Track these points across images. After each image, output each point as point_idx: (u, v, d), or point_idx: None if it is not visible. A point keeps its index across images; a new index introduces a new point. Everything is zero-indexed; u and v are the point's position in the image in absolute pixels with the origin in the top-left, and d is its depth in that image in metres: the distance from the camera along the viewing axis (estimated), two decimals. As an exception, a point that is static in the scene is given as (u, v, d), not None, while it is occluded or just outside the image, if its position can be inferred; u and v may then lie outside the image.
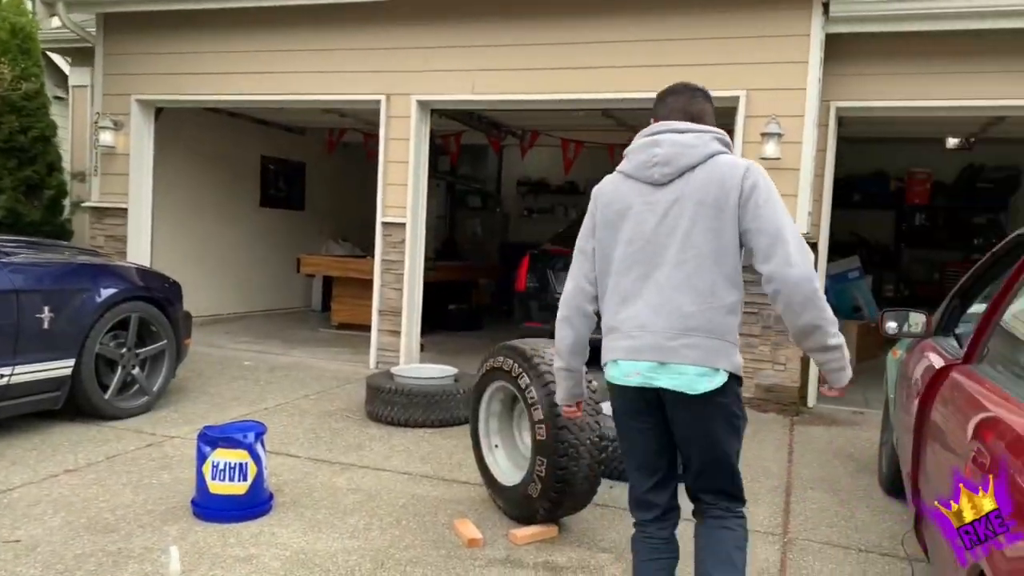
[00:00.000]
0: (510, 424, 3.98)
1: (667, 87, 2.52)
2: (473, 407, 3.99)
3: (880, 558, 3.46)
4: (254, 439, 3.62)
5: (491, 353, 3.82)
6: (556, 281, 7.70)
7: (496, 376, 3.75)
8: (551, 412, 3.38)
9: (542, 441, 3.40)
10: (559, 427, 3.36)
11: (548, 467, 3.38)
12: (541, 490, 3.43)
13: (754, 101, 6.20)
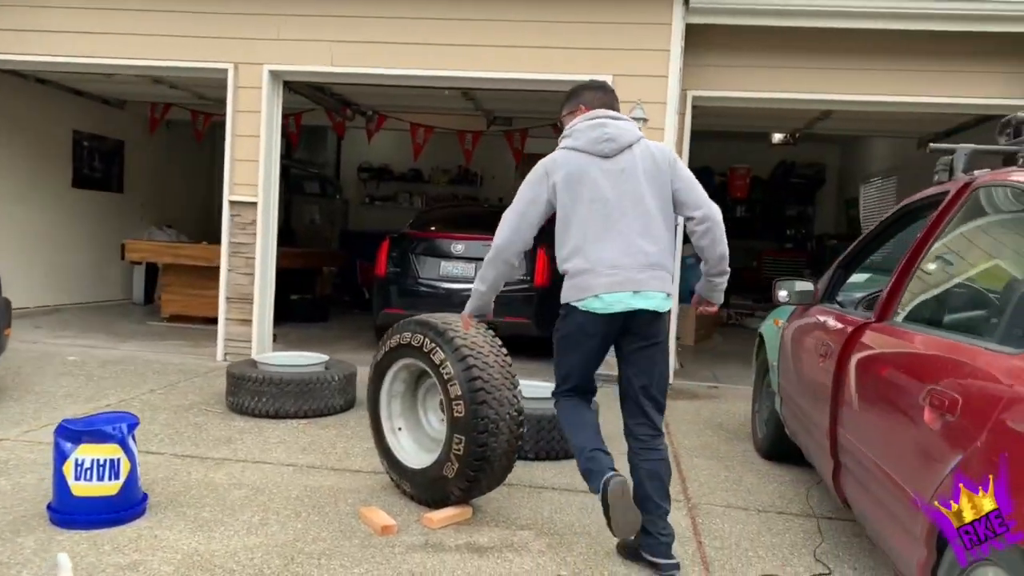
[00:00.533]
0: (414, 405, 3.77)
1: (586, 83, 3.27)
2: (373, 389, 3.74)
3: (778, 516, 3.61)
4: (126, 431, 3.17)
5: (395, 330, 3.59)
6: (419, 265, 7.49)
7: (403, 354, 3.54)
8: (469, 387, 3.22)
9: (460, 418, 3.23)
10: (478, 402, 3.21)
11: (466, 445, 3.22)
12: (458, 469, 3.26)
13: (619, 86, 6.31)
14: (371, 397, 3.74)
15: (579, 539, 3.22)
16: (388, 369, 3.66)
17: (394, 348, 3.59)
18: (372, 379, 3.73)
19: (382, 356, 3.66)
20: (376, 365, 3.71)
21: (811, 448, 3.33)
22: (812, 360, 3.27)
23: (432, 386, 3.66)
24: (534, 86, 6.64)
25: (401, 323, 3.59)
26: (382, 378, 3.69)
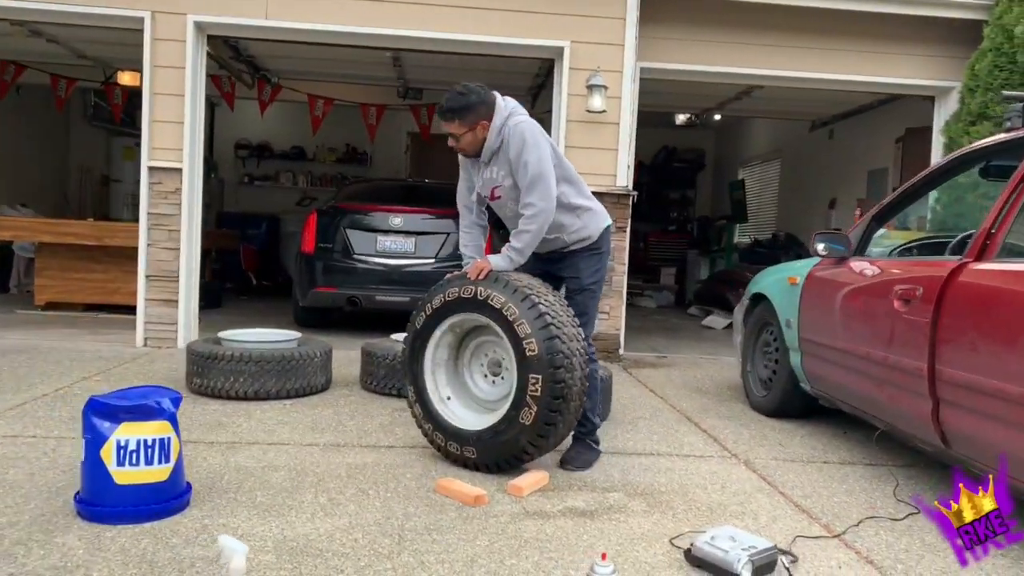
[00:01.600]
0: (456, 371, 3.49)
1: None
2: (413, 361, 3.42)
3: (828, 465, 3.66)
4: (173, 406, 2.69)
5: (433, 293, 3.37)
6: (353, 240, 7.04)
7: (449, 311, 3.29)
8: (537, 324, 3.06)
9: (533, 356, 3.04)
10: (550, 338, 3.04)
11: (544, 383, 3.02)
12: (536, 414, 3.04)
13: (576, 54, 6.24)
14: (412, 371, 3.42)
15: (672, 497, 3.10)
16: (431, 335, 3.37)
17: (438, 309, 3.31)
18: (413, 351, 3.41)
19: (424, 322, 3.36)
20: (417, 334, 3.40)
21: (877, 394, 3.38)
22: (881, 307, 3.32)
23: (479, 346, 3.43)
24: (488, 50, 6.41)
25: (436, 287, 3.35)
26: (424, 347, 3.39)
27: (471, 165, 3.47)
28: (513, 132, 3.23)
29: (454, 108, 3.23)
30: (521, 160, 3.18)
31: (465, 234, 3.59)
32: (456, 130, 3.26)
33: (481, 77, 8.42)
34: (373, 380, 4.72)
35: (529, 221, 3.21)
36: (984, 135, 6.02)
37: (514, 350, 3.10)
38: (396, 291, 6.97)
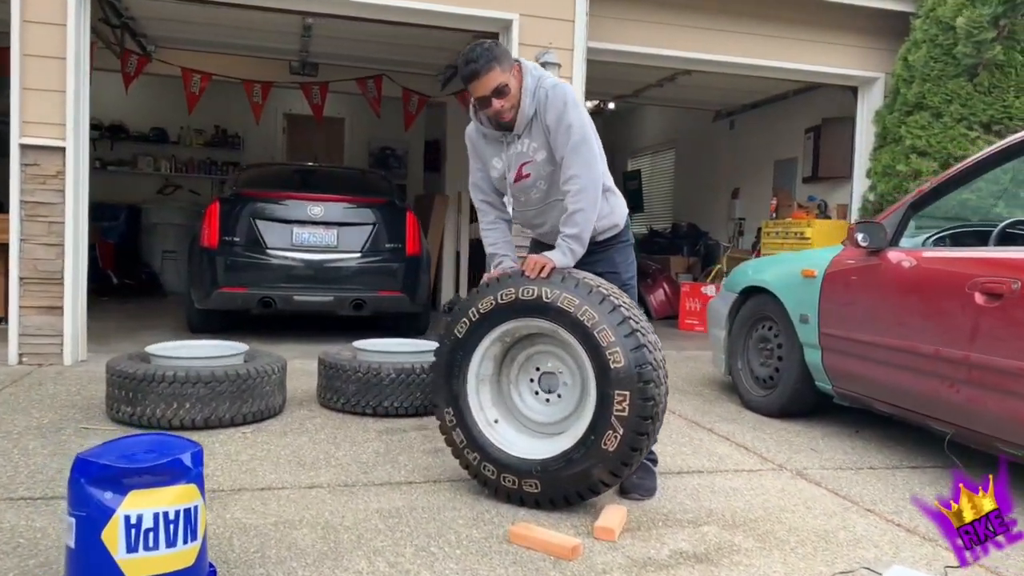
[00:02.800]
0: (500, 389, 2.92)
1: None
2: (452, 378, 2.82)
3: (879, 471, 3.42)
4: (193, 462, 1.97)
5: (481, 295, 2.78)
6: (265, 233, 6.17)
7: (503, 317, 2.73)
8: (623, 331, 2.56)
9: (619, 368, 2.53)
10: (638, 346, 2.55)
11: (632, 401, 2.52)
12: (622, 437, 2.54)
13: (526, 28, 5.73)
14: (451, 389, 2.81)
15: (771, 527, 2.71)
16: (478, 346, 2.79)
17: (488, 315, 2.73)
18: (451, 365, 2.81)
19: (468, 330, 2.77)
20: (458, 344, 2.80)
21: (949, 395, 3.15)
22: (956, 302, 3.08)
23: (529, 358, 2.87)
24: (425, 19, 5.77)
25: (483, 288, 2.79)
26: (468, 360, 2.80)
27: (487, 148, 2.93)
28: (553, 93, 2.73)
29: (489, 56, 2.68)
30: (563, 123, 2.69)
31: (490, 231, 3.05)
32: (501, 80, 2.68)
33: (399, 51, 7.80)
34: (339, 397, 4.02)
35: (576, 199, 2.71)
36: (922, 124, 6.11)
37: (592, 362, 2.58)
38: (317, 290, 6.21)
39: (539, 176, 2.85)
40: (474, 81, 2.70)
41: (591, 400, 2.60)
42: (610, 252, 2.97)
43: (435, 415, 2.91)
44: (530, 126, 2.79)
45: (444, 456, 3.31)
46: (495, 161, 2.91)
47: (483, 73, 2.68)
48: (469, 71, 2.70)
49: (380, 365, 3.96)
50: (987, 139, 5.91)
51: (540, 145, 2.79)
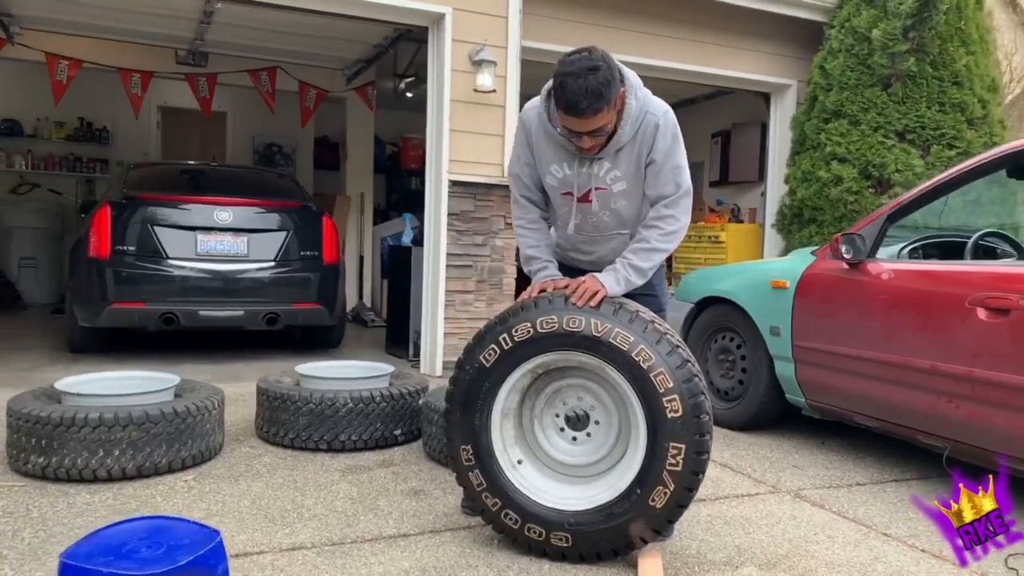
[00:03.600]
0: (521, 425, 2.60)
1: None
2: (473, 412, 2.46)
3: (868, 487, 3.37)
4: (217, 557, 1.56)
5: (515, 318, 2.41)
6: (165, 242, 5.52)
7: (539, 348, 2.39)
8: (682, 376, 2.31)
9: (677, 419, 2.29)
10: (697, 393, 2.32)
11: (687, 454, 2.29)
12: (672, 495, 2.31)
13: (459, 23, 5.40)
14: (470, 424, 2.47)
15: (804, 562, 2.55)
16: (507, 378, 2.45)
17: (523, 344, 2.41)
18: (471, 397, 2.47)
19: (498, 360, 2.44)
20: (483, 374, 2.45)
21: (947, 411, 3.11)
22: (955, 317, 3.05)
23: (557, 391, 2.57)
24: (351, 10, 5.32)
25: (517, 310, 2.44)
26: (495, 393, 2.46)
27: (548, 147, 2.53)
28: (664, 122, 2.41)
29: (601, 94, 2.23)
30: (671, 162, 2.42)
31: (531, 232, 2.67)
32: (605, 120, 2.31)
33: (300, 42, 7.23)
34: (286, 431, 3.57)
35: (667, 238, 2.46)
36: (841, 132, 6.26)
37: (644, 408, 2.31)
38: (226, 304, 5.63)
39: (605, 207, 2.55)
40: (572, 116, 2.28)
41: (639, 450, 2.33)
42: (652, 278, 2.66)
43: (449, 453, 2.55)
44: (621, 152, 2.45)
45: (428, 499, 2.98)
46: (555, 168, 2.54)
47: (588, 115, 2.26)
48: (573, 105, 2.25)
49: (336, 394, 3.54)
50: (902, 147, 6.13)
51: (624, 175, 2.48)
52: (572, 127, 2.33)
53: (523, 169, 2.63)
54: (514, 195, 2.70)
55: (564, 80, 2.26)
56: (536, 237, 2.66)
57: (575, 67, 2.25)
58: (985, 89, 6.32)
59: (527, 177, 2.64)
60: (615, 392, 2.42)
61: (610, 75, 2.26)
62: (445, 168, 5.36)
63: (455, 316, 5.46)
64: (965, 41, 6.22)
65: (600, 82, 2.23)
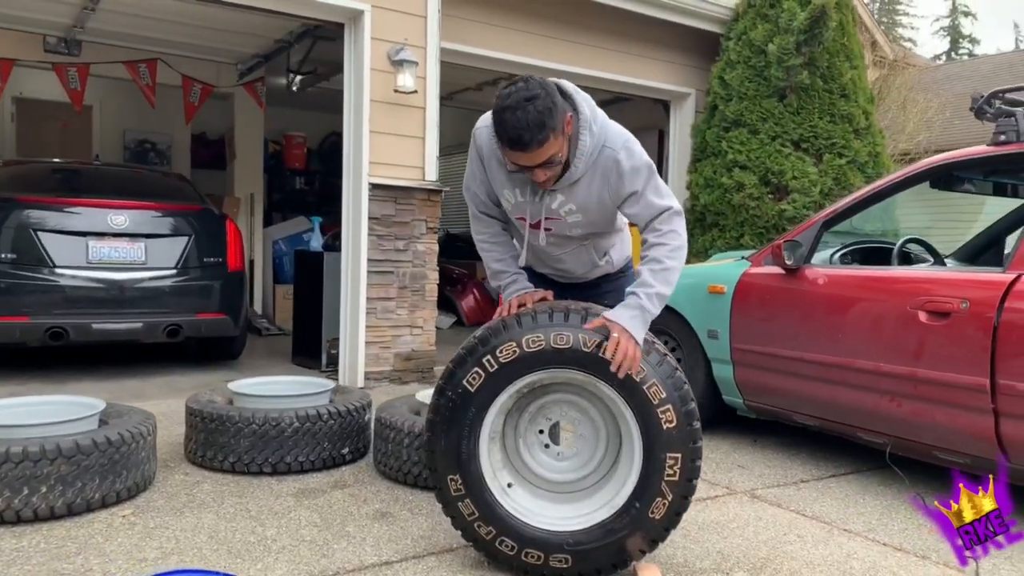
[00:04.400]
0: (505, 446, 2.51)
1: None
2: (460, 438, 2.35)
3: (819, 482, 3.51)
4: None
5: (501, 337, 2.32)
6: (49, 248, 5.01)
7: (530, 366, 2.31)
8: (675, 384, 2.31)
9: (671, 429, 2.28)
10: (689, 401, 2.32)
11: (683, 464, 2.29)
12: (670, 505, 2.30)
13: (379, 21, 5.22)
14: (457, 451, 2.35)
15: (789, 564, 2.62)
16: (494, 401, 2.35)
17: (512, 364, 2.32)
18: (460, 424, 2.35)
19: (485, 382, 2.33)
20: (468, 398, 2.34)
21: (889, 409, 3.29)
22: (897, 320, 3.23)
23: (542, 408, 2.50)
24: (264, 2, 5.02)
25: (500, 328, 2.34)
26: (483, 416, 2.36)
27: (500, 171, 2.41)
28: (628, 157, 2.29)
29: (545, 123, 2.11)
30: (650, 183, 2.34)
31: (493, 246, 2.58)
32: (554, 150, 2.18)
33: (189, 33, 6.75)
34: (226, 455, 3.31)
35: (675, 254, 2.34)
36: (742, 140, 6.54)
37: (638, 421, 2.29)
38: (122, 316, 5.20)
39: (560, 233, 2.46)
40: (520, 152, 2.16)
41: (635, 464, 2.31)
42: (619, 282, 2.68)
43: (433, 484, 2.43)
44: (574, 186, 2.34)
45: (397, 522, 2.86)
46: (507, 193, 2.43)
47: (534, 147, 2.14)
48: (516, 139, 2.13)
49: (281, 413, 3.31)
50: (798, 155, 6.48)
51: (579, 207, 2.37)
52: (520, 162, 2.21)
53: (479, 187, 2.52)
54: (472, 211, 2.59)
55: (503, 116, 2.14)
56: (500, 251, 2.57)
57: (511, 100, 2.13)
58: (866, 101, 6.78)
59: (483, 194, 2.53)
60: (603, 406, 2.39)
61: (551, 102, 2.14)
62: (365, 171, 5.16)
63: (377, 324, 5.27)
64: (849, 56, 6.65)
65: (541, 111, 2.11)
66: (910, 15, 40.80)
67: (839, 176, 6.42)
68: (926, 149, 9.77)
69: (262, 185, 9.15)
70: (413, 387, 5.33)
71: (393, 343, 5.35)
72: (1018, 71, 14.79)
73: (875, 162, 6.58)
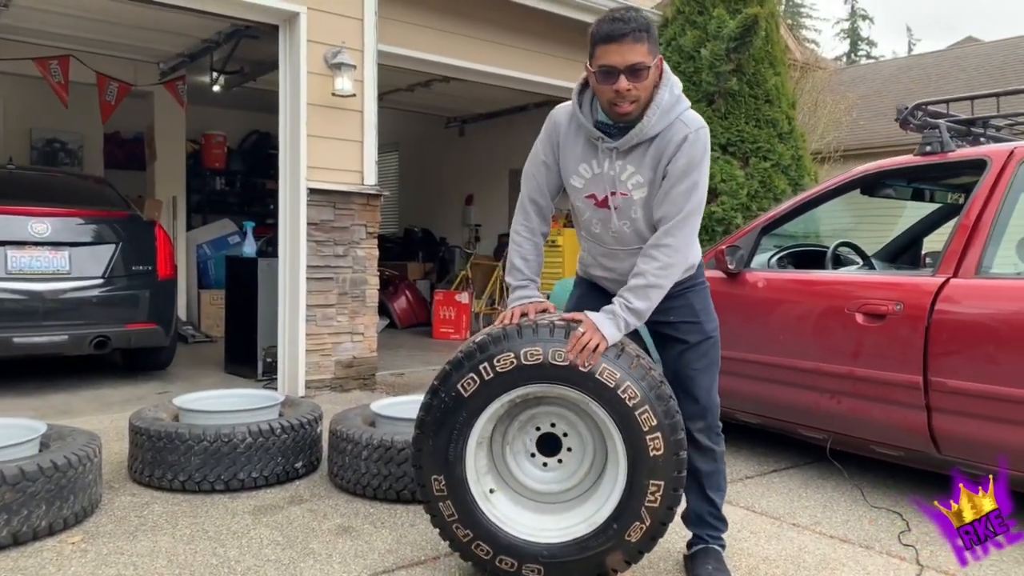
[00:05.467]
0: (492, 453, 2.52)
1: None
2: (448, 442, 2.34)
3: (769, 477, 3.66)
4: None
5: (496, 347, 2.32)
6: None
7: (522, 379, 2.30)
8: (666, 412, 2.32)
9: (659, 456, 2.30)
10: (679, 430, 2.33)
11: (665, 492, 2.32)
12: (648, 528, 2.34)
13: (315, 23, 5.13)
14: (443, 455, 2.34)
15: (757, 563, 2.73)
16: (486, 408, 2.34)
17: (505, 376, 2.30)
18: (450, 428, 2.33)
19: (476, 391, 2.31)
20: (459, 404, 2.33)
21: (829, 406, 3.45)
22: (835, 322, 3.39)
23: (532, 418, 2.50)
24: (197, 3, 4.86)
25: (495, 337, 2.34)
26: (471, 424, 2.36)
27: (575, 145, 2.38)
28: (696, 136, 2.25)
29: (644, 25, 2.17)
30: (690, 178, 2.25)
31: (524, 240, 2.50)
32: (645, 59, 2.17)
33: (120, 33, 6.47)
34: (176, 474, 3.21)
35: (664, 273, 2.28)
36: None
37: (626, 445, 2.30)
38: (46, 328, 4.98)
39: (625, 215, 2.37)
40: (612, 43, 2.16)
41: (618, 485, 2.33)
42: (687, 297, 2.48)
43: (417, 482, 2.41)
44: (643, 151, 2.28)
45: (361, 536, 2.85)
46: (583, 168, 2.38)
47: (629, 39, 2.14)
48: (613, 29, 2.15)
49: (233, 429, 3.24)
50: (726, 159, 6.68)
51: (645, 181, 2.30)
52: (611, 59, 2.17)
53: (539, 169, 2.48)
54: (522, 197, 2.52)
55: (604, 18, 2.22)
56: (528, 248, 2.51)
57: (615, 12, 2.23)
58: (789, 106, 7.05)
59: (542, 177, 2.48)
60: (592, 423, 2.41)
61: (651, 24, 2.23)
62: (303, 175, 5.07)
63: (316, 332, 5.19)
64: (773, 63, 6.89)
65: (641, 16, 2.20)
66: (813, 18, 42.57)
67: (764, 179, 6.65)
68: (835, 149, 10.25)
69: (184, 187, 8.84)
70: (356, 395, 5.29)
71: (334, 350, 5.28)
72: (915, 74, 15.66)
73: (798, 165, 6.85)
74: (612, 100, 2.22)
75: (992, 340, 2.95)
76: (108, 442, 3.86)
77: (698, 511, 2.57)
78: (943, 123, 3.47)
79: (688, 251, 2.34)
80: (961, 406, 3.01)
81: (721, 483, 2.56)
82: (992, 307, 3.01)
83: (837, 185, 3.77)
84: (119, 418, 4.38)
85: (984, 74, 13.87)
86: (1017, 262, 3.20)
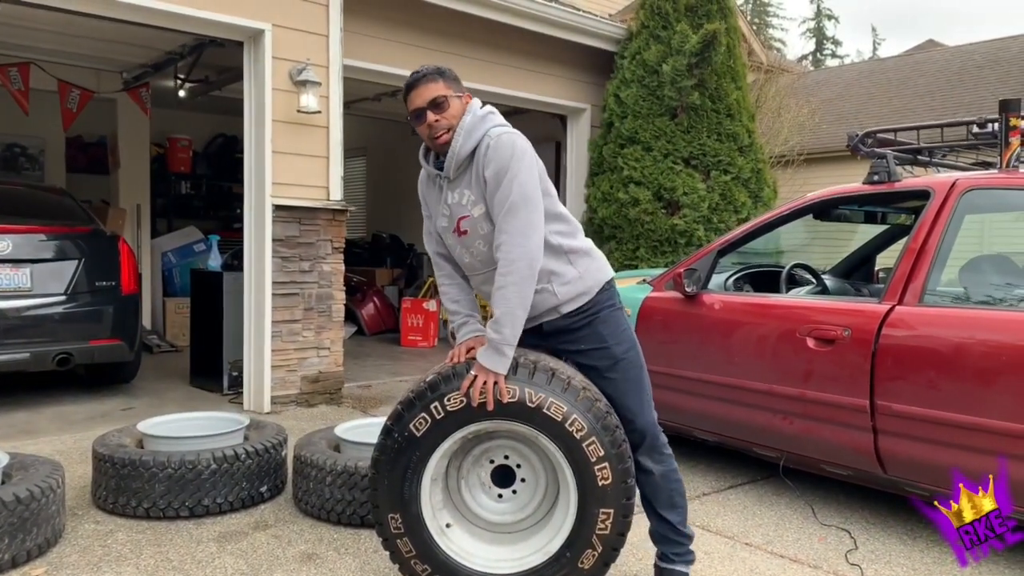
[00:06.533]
0: (448, 488, 2.58)
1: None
2: (404, 480, 2.40)
3: (722, 493, 3.76)
4: None
5: (445, 389, 2.37)
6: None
7: (472, 418, 2.37)
8: (612, 442, 2.42)
9: (607, 486, 2.39)
10: (626, 459, 2.44)
11: (615, 520, 2.41)
12: (599, 556, 2.43)
13: (279, 41, 5.13)
14: (400, 493, 2.41)
15: (701, 582, 2.83)
16: (439, 446, 2.41)
17: (455, 415, 2.37)
18: (404, 467, 2.39)
19: (429, 429, 2.38)
20: (412, 443, 2.39)
21: (781, 426, 3.57)
22: (787, 345, 3.51)
23: (485, 451, 2.58)
24: (165, 21, 4.85)
25: (451, 377, 2.40)
26: (426, 461, 2.42)
27: (432, 193, 2.57)
28: (497, 143, 2.35)
29: (437, 71, 2.46)
30: (502, 177, 2.32)
31: (449, 287, 2.64)
32: (442, 92, 2.41)
33: (83, 45, 6.41)
34: (140, 501, 3.23)
35: (506, 269, 2.32)
36: (636, 157, 6.82)
37: (576, 477, 2.38)
38: (7, 346, 4.93)
39: (477, 235, 2.46)
40: (412, 91, 2.44)
41: (569, 515, 2.41)
42: (593, 325, 2.51)
43: (375, 520, 2.47)
44: (467, 174, 2.42)
45: (326, 563, 2.91)
46: (442, 208, 2.53)
47: (423, 82, 2.43)
48: (411, 80, 2.46)
49: (198, 455, 3.26)
50: (688, 172, 6.81)
51: (478, 198, 2.42)
52: (415, 103, 2.43)
53: (428, 225, 2.66)
54: (430, 255, 2.69)
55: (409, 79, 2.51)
56: (454, 291, 2.63)
57: (413, 72, 2.51)
58: (749, 120, 7.20)
59: (433, 231, 2.64)
60: (544, 455, 2.49)
61: (445, 70, 2.48)
62: (268, 192, 5.09)
63: (282, 347, 5.21)
64: (735, 78, 7.04)
65: (434, 66, 2.49)
66: (780, 17, 43.10)
67: (725, 192, 6.80)
68: (799, 153, 10.44)
69: (148, 195, 8.77)
70: (322, 409, 5.32)
71: (299, 366, 5.31)
72: (877, 79, 15.96)
73: (757, 178, 7.01)
74: (430, 135, 2.45)
75: (935, 367, 3.08)
76: (71, 464, 3.87)
77: (659, 531, 2.67)
78: (890, 153, 3.60)
79: (528, 242, 2.32)
80: (905, 429, 3.14)
81: (676, 500, 2.62)
82: (935, 335, 3.14)
83: (791, 210, 3.88)
84: (82, 438, 4.38)
85: (942, 79, 14.19)
86: (959, 289, 3.33)
